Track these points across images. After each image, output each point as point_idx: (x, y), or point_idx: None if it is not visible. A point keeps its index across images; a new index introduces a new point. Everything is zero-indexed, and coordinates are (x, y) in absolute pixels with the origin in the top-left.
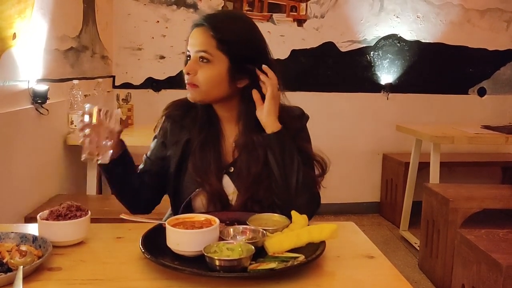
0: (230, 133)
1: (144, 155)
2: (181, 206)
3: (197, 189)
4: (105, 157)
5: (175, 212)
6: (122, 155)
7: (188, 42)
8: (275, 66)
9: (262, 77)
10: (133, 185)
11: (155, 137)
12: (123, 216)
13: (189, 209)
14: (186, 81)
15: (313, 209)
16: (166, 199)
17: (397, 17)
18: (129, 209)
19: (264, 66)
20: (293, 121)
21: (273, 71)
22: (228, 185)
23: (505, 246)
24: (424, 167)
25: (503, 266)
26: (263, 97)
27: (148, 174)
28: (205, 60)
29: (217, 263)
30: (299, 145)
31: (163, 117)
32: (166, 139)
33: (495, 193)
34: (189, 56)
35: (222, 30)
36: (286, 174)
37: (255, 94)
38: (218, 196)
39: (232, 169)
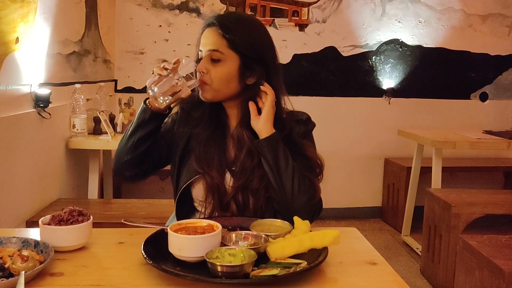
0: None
1: None
2: (180, 190)
3: (198, 175)
4: (164, 99)
5: (175, 199)
6: (168, 114)
7: (199, 42)
8: (280, 70)
9: (263, 87)
10: (148, 147)
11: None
12: (124, 221)
13: (188, 198)
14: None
15: (313, 213)
16: (168, 203)
17: (399, 22)
18: (120, 166)
19: (265, 83)
20: (297, 124)
21: (278, 75)
22: (229, 181)
23: (507, 252)
24: (426, 172)
25: (505, 272)
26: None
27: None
28: (217, 59)
29: (219, 269)
30: (302, 149)
31: (176, 109)
32: (176, 122)
33: (497, 199)
34: (200, 55)
35: (232, 30)
36: (281, 179)
37: (251, 105)
38: (217, 189)
39: (234, 167)
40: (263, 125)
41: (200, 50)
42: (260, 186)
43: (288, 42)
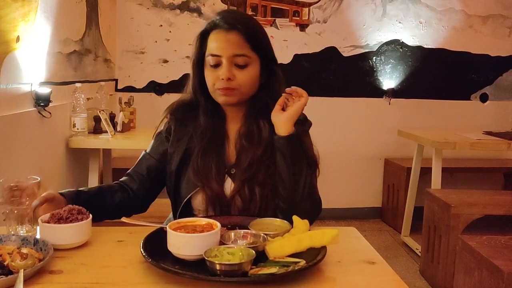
0: (234, 133)
1: (144, 151)
2: (181, 205)
3: (197, 188)
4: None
5: (174, 211)
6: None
7: (203, 45)
8: (280, 70)
9: (299, 90)
10: (112, 206)
11: (157, 134)
12: (124, 219)
13: (188, 208)
14: (220, 87)
15: (315, 215)
16: (167, 202)
17: (400, 22)
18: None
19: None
20: (295, 125)
21: (278, 74)
22: (229, 186)
23: (506, 253)
24: (426, 172)
25: (504, 272)
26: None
27: (147, 169)
28: (243, 64)
29: (217, 267)
30: (302, 147)
31: (167, 116)
32: (170, 136)
33: (497, 199)
34: (215, 60)
35: (252, 31)
36: (295, 179)
37: (282, 97)
38: (218, 199)
39: (234, 171)
40: (285, 121)
41: (217, 55)
42: (266, 175)
43: (288, 42)
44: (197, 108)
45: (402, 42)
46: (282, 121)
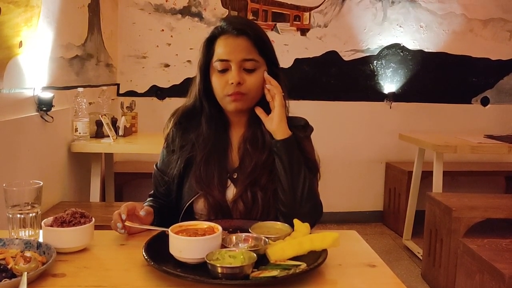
0: (237, 139)
1: (155, 167)
2: (183, 209)
3: (199, 193)
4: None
5: (177, 214)
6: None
7: (210, 51)
8: (283, 73)
9: (268, 85)
10: (171, 210)
11: (165, 147)
12: (127, 223)
13: (190, 212)
14: (229, 92)
15: (316, 218)
16: None
17: (400, 26)
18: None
19: (266, 75)
20: (297, 130)
21: (281, 78)
22: (232, 191)
23: (508, 256)
24: (427, 176)
25: (506, 276)
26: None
27: (165, 188)
28: (252, 68)
29: (219, 270)
30: (303, 151)
31: (171, 124)
32: (174, 146)
33: (498, 203)
34: (224, 65)
35: (259, 36)
36: (293, 182)
37: (257, 109)
38: (220, 207)
39: (236, 175)
40: (277, 126)
41: (226, 60)
42: (269, 180)
43: (289, 47)
44: (201, 114)
45: (403, 46)
46: (275, 126)
